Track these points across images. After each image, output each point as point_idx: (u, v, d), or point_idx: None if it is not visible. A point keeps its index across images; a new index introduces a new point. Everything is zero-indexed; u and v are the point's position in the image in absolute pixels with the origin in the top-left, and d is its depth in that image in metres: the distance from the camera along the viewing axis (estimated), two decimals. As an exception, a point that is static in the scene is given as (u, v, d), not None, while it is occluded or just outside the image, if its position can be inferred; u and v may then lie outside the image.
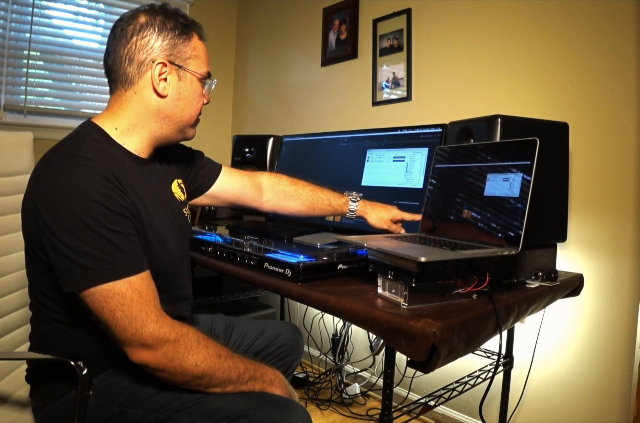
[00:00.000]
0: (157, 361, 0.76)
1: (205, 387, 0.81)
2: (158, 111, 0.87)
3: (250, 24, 2.69)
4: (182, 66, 0.87)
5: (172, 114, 0.88)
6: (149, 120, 0.88)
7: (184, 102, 0.89)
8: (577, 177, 1.36)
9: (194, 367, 0.78)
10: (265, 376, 0.88)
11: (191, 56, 0.88)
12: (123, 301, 0.74)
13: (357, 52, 2.03)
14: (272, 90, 2.52)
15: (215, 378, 0.80)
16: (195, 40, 0.89)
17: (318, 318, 2.06)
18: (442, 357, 0.76)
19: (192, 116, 0.92)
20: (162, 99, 0.87)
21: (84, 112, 2.27)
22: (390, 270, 0.89)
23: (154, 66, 0.84)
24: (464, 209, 1.02)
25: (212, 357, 0.80)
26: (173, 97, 0.87)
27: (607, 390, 1.32)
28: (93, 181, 0.75)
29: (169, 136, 0.92)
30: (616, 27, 1.29)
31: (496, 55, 1.56)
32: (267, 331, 1.21)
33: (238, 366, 0.83)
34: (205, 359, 0.79)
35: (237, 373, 0.82)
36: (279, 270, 1.06)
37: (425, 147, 1.34)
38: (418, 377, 1.65)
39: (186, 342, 0.78)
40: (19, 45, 2.06)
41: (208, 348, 0.80)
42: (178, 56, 0.87)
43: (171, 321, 0.79)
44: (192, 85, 0.89)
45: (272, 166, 1.82)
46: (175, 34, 0.86)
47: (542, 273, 1.11)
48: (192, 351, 0.78)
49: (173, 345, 0.76)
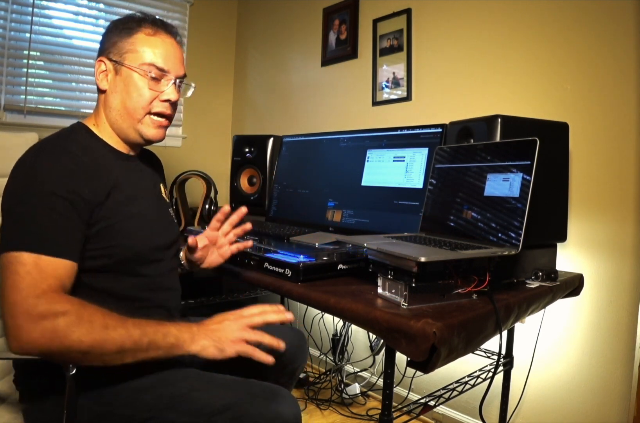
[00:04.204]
0: (34, 342, 0.70)
1: (101, 361, 0.75)
2: (105, 104, 0.95)
3: (250, 24, 2.69)
4: (117, 61, 0.93)
5: (114, 107, 0.94)
6: (106, 114, 0.96)
7: (121, 94, 0.93)
8: (577, 177, 1.36)
9: (78, 343, 0.72)
10: (176, 336, 0.79)
11: (128, 50, 0.92)
12: (19, 271, 0.73)
13: (357, 52, 2.03)
14: (272, 90, 2.52)
15: (107, 350, 0.74)
16: (138, 36, 0.92)
17: (318, 318, 2.06)
18: (442, 357, 0.76)
19: (135, 109, 0.93)
20: (104, 94, 0.95)
21: (84, 112, 2.26)
22: (390, 270, 0.89)
23: (95, 63, 0.95)
24: (464, 209, 1.02)
25: (98, 330, 0.73)
26: (111, 90, 0.94)
27: (607, 390, 1.32)
28: (58, 163, 0.82)
29: (125, 131, 0.96)
30: (616, 27, 1.29)
31: (496, 55, 1.56)
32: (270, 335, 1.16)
33: (132, 334, 0.75)
34: (89, 333, 0.72)
35: (131, 341, 0.75)
36: (279, 270, 1.06)
37: (425, 147, 1.34)
38: (418, 377, 1.65)
39: (67, 319, 0.72)
40: (19, 45, 2.05)
41: (92, 321, 0.74)
42: (115, 52, 0.93)
43: (56, 300, 0.73)
44: (129, 78, 0.93)
45: (272, 166, 1.82)
46: (118, 32, 0.93)
47: (542, 273, 1.11)
48: (74, 327, 0.72)
49: (51, 323, 0.71)
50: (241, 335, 0.81)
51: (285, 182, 1.77)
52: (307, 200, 1.66)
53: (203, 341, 0.79)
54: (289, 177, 1.77)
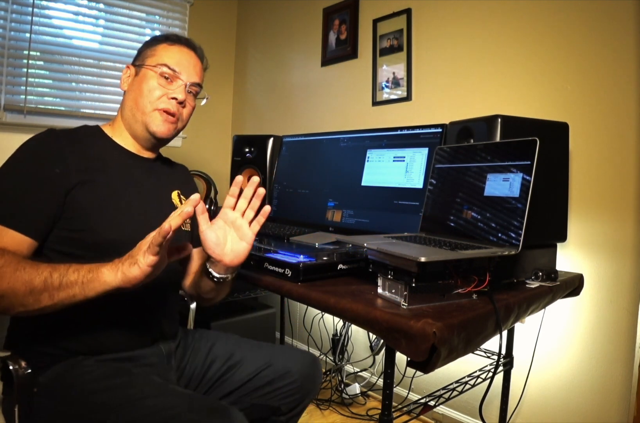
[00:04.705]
0: None
1: (21, 305, 0.76)
2: (122, 104, 1.05)
3: (250, 24, 2.69)
4: (139, 65, 1.03)
5: (127, 104, 1.02)
6: (122, 113, 1.04)
7: (135, 92, 1.01)
8: (577, 177, 1.36)
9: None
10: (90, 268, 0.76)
11: (149, 55, 1.03)
12: None
13: (357, 52, 2.03)
14: (272, 90, 2.52)
15: (20, 291, 0.74)
16: (160, 45, 1.04)
17: (318, 318, 2.06)
18: (442, 357, 0.76)
19: (144, 104, 1.00)
20: (124, 95, 1.05)
21: (84, 112, 2.26)
22: (390, 270, 0.89)
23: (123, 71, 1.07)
24: (464, 209, 1.02)
25: (8, 273, 0.75)
26: (128, 90, 1.04)
27: (607, 390, 1.32)
28: (39, 146, 0.91)
29: (133, 126, 1.02)
30: (616, 27, 1.29)
31: (496, 55, 1.56)
32: (276, 363, 1.06)
33: (41, 272, 0.76)
34: (1, 277, 0.75)
35: (40, 279, 0.75)
36: (279, 270, 1.06)
37: (425, 147, 1.34)
38: (418, 377, 1.65)
39: None
40: (19, 45, 2.05)
41: (4, 266, 0.76)
42: (139, 59, 1.04)
43: None
44: (144, 77, 1.01)
45: (272, 166, 1.82)
46: (146, 45, 1.06)
47: (542, 273, 1.11)
48: None
49: None
50: (148, 242, 0.73)
51: (285, 182, 1.77)
52: (307, 200, 1.66)
53: (120, 266, 0.75)
54: (289, 177, 1.77)
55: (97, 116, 2.27)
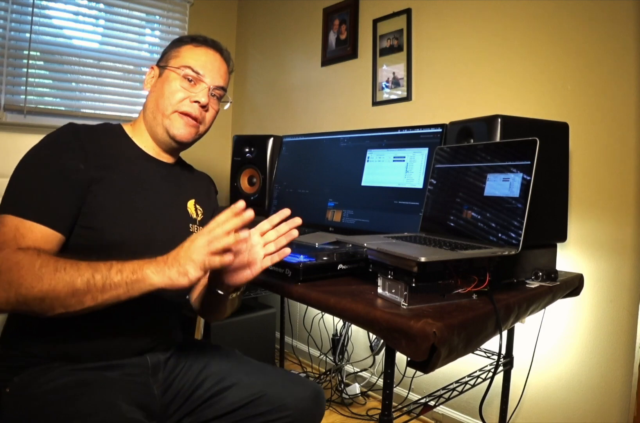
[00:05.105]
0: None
1: (63, 307, 0.73)
2: (145, 105, 1.03)
3: (250, 24, 2.69)
4: (162, 66, 1.01)
5: (149, 105, 1.01)
6: (144, 114, 1.02)
7: (157, 93, 1.00)
8: (577, 177, 1.36)
9: (31, 290, 0.72)
10: (134, 269, 0.74)
11: (173, 56, 1.01)
12: (0, 230, 0.80)
13: (357, 52, 2.03)
14: (272, 90, 2.52)
15: (61, 293, 0.72)
16: (185, 46, 1.02)
17: (318, 318, 2.06)
18: (442, 357, 0.76)
19: (165, 106, 0.98)
20: (148, 95, 1.03)
21: (84, 112, 2.27)
22: (390, 270, 0.89)
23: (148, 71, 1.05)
24: (464, 209, 1.02)
25: (48, 274, 0.72)
26: (151, 91, 1.02)
27: (607, 390, 1.32)
28: (62, 139, 0.90)
29: (154, 128, 1.00)
30: (616, 27, 1.29)
31: (496, 55, 1.56)
32: (272, 393, 0.97)
33: (82, 273, 0.73)
34: (40, 278, 0.72)
35: (82, 280, 0.72)
36: (279, 270, 1.06)
37: (425, 147, 1.34)
38: (418, 377, 1.65)
39: (19, 269, 0.73)
40: (19, 45, 2.05)
41: (44, 266, 0.73)
42: (163, 60, 1.02)
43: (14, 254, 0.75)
44: (167, 78, 0.99)
45: (272, 166, 1.82)
46: (172, 45, 1.03)
47: (542, 273, 1.11)
48: (26, 275, 0.72)
49: (6, 276, 0.72)
50: (204, 251, 0.72)
51: (285, 182, 1.77)
52: (307, 200, 1.66)
53: (166, 270, 0.72)
54: (289, 177, 1.77)
55: (97, 116, 2.27)
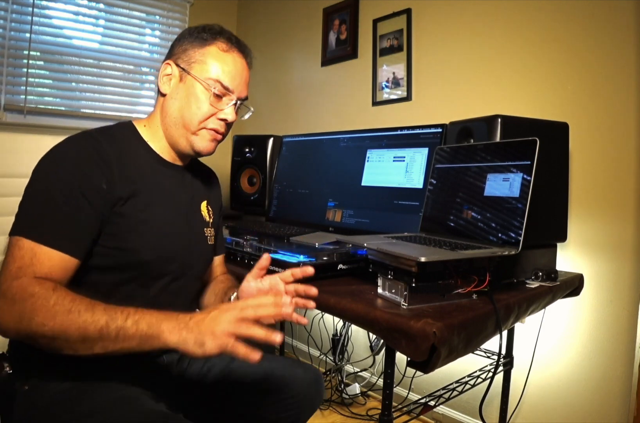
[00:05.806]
0: (6, 324, 0.70)
1: (72, 350, 0.70)
2: (162, 108, 0.93)
3: (250, 24, 2.69)
4: (184, 68, 0.91)
5: (170, 113, 0.92)
6: (162, 118, 0.94)
7: (179, 102, 0.91)
8: (577, 177, 1.36)
9: (42, 327, 0.68)
10: (150, 324, 0.70)
11: (197, 61, 0.90)
12: (15, 254, 0.75)
13: (357, 52, 2.03)
14: (272, 90, 2.52)
15: (72, 336, 0.69)
16: (210, 48, 0.91)
17: (318, 318, 2.06)
18: (442, 357, 0.76)
19: (191, 121, 0.91)
20: (164, 98, 0.93)
21: (84, 112, 2.26)
22: (390, 270, 0.89)
23: (162, 65, 0.93)
24: (464, 209, 1.02)
25: (61, 314, 0.69)
26: (171, 95, 0.92)
27: (607, 390, 1.31)
28: (83, 154, 0.82)
29: (175, 139, 0.94)
30: (616, 27, 1.29)
31: (496, 55, 1.56)
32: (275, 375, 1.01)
33: (97, 320, 0.69)
34: (52, 317, 0.68)
35: (95, 327, 0.68)
36: (279, 270, 1.06)
37: (425, 147, 1.34)
38: (418, 377, 1.65)
39: (33, 302, 0.70)
40: (19, 45, 2.05)
41: (58, 305, 0.70)
42: (184, 59, 0.91)
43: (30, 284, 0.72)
44: (192, 88, 0.91)
45: (272, 166, 1.83)
46: (192, 40, 0.92)
47: (542, 273, 1.11)
48: (39, 310, 0.69)
49: (20, 306, 0.70)
50: (228, 328, 0.68)
51: (285, 182, 1.78)
52: (307, 200, 1.66)
53: (184, 333, 0.68)
54: (289, 177, 1.77)
55: (97, 116, 2.28)
